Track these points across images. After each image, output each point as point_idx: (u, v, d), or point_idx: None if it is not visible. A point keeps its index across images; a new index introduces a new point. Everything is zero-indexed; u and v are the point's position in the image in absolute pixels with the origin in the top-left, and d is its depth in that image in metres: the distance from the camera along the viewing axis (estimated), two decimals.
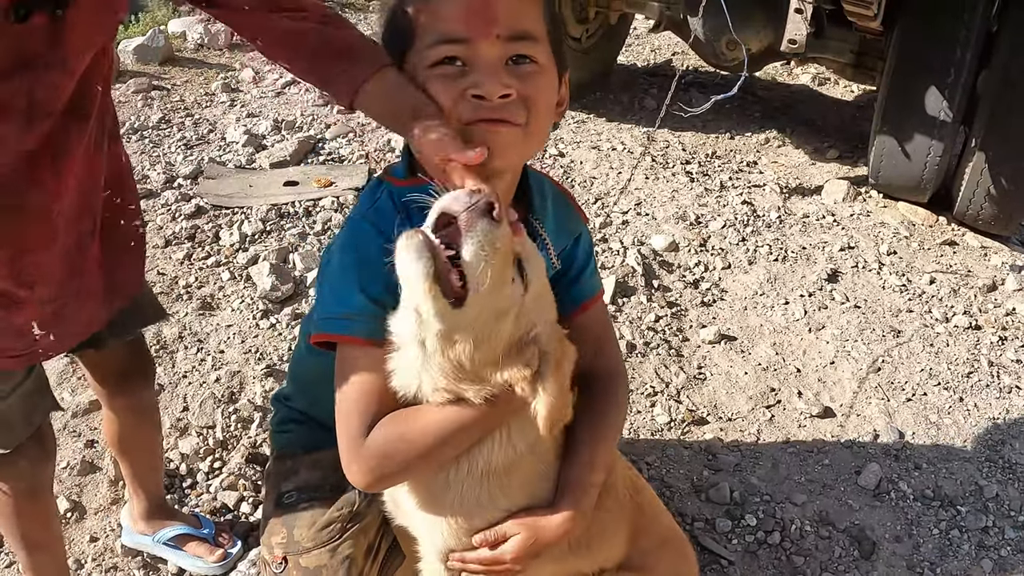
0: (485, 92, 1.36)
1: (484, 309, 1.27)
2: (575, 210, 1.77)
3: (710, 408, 2.96)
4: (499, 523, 1.50)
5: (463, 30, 1.36)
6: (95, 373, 2.05)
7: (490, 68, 1.37)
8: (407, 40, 1.43)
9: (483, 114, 1.38)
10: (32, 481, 1.82)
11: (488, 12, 1.36)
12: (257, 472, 2.58)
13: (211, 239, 3.64)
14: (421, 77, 1.41)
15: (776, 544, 2.49)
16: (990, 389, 3.18)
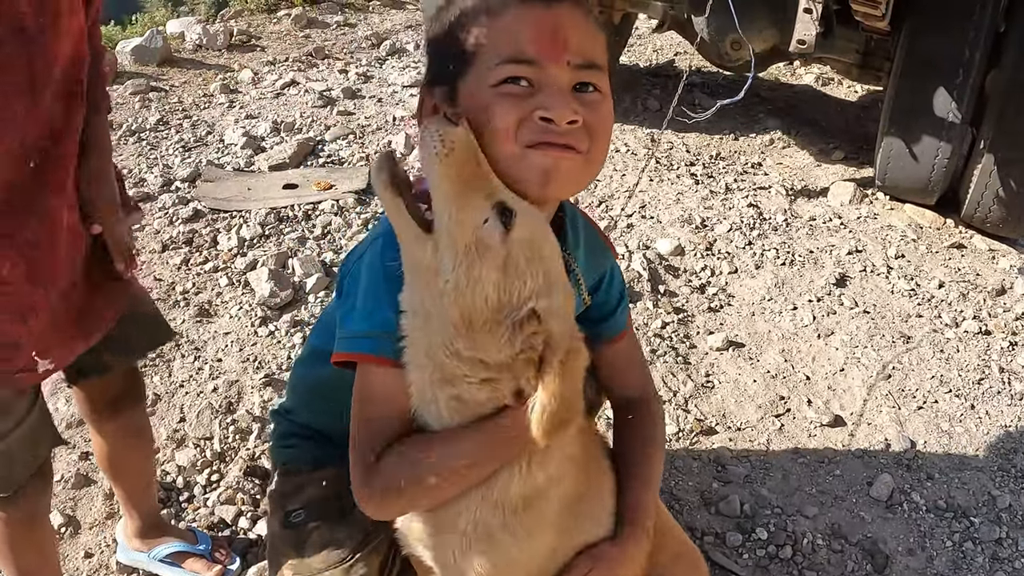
0: (554, 116, 1.30)
1: (455, 234, 1.21)
2: (605, 244, 1.74)
3: (719, 417, 2.91)
4: (518, 562, 1.44)
5: (533, 52, 1.31)
6: (87, 400, 2.00)
7: (560, 92, 1.32)
8: (466, 60, 1.36)
9: (548, 138, 1.32)
10: (29, 511, 1.76)
11: (559, 36, 1.32)
12: (256, 486, 2.52)
13: (209, 244, 3.59)
14: (483, 97, 1.33)
15: (788, 558, 2.43)
16: (1001, 396, 3.13)
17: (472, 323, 1.24)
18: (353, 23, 6.57)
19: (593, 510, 1.55)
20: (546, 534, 1.45)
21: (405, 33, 6.43)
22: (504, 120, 1.30)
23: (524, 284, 1.24)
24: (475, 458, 1.33)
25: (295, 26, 6.36)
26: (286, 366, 2.94)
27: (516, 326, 1.24)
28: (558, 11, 1.34)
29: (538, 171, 1.32)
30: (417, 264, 1.26)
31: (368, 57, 5.94)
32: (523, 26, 1.32)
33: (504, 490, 1.36)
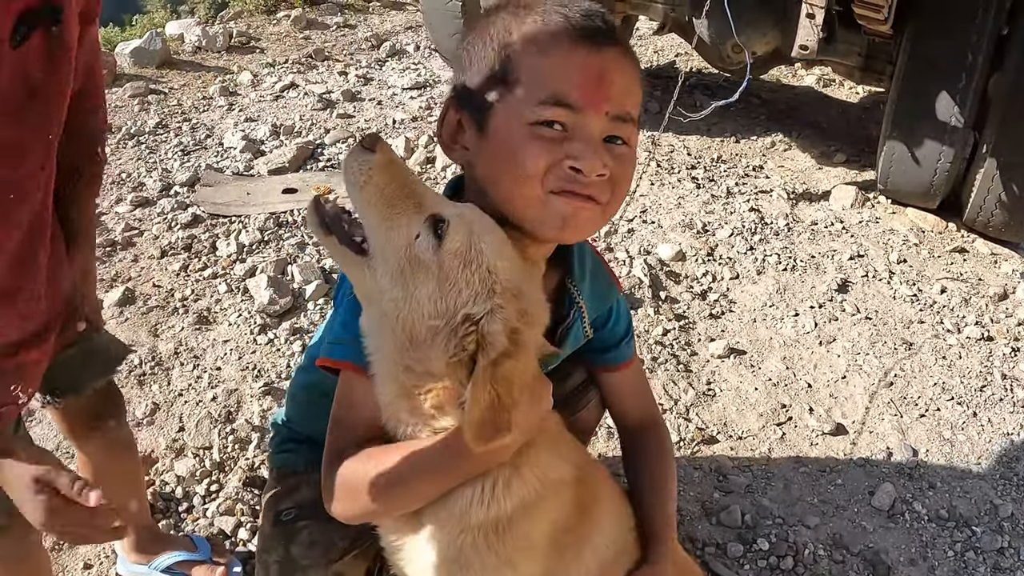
0: (585, 168, 1.32)
1: (388, 255, 1.25)
2: (611, 278, 1.77)
3: (720, 426, 2.89)
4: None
5: (575, 97, 1.31)
6: (65, 420, 1.98)
7: (593, 143, 1.33)
8: (505, 89, 1.35)
9: (574, 187, 1.33)
10: (23, 546, 1.74)
11: (604, 85, 1.32)
12: (255, 496, 2.51)
13: (208, 249, 3.57)
14: (516, 133, 1.33)
15: (789, 569, 2.42)
16: (1004, 403, 3.11)
17: (414, 338, 1.26)
18: (353, 24, 6.55)
19: (594, 537, 1.54)
20: (533, 562, 1.43)
21: (405, 34, 6.41)
22: (535, 165, 1.31)
23: (459, 292, 1.24)
24: (430, 469, 1.34)
25: (294, 27, 6.34)
26: (286, 375, 2.92)
27: (452, 333, 1.24)
28: (606, 56, 1.33)
29: (558, 218, 1.35)
30: (361, 289, 1.31)
31: (368, 59, 5.92)
32: (570, 68, 1.31)
33: (470, 512, 1.36)
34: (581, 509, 1.50)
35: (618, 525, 1.61)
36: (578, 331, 1.68)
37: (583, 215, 1.37)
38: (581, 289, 1.63)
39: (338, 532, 1.66)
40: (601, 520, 1.56)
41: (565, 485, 1.46)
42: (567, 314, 1.64)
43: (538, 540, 1.43)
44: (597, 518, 1.55)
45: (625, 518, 1.66)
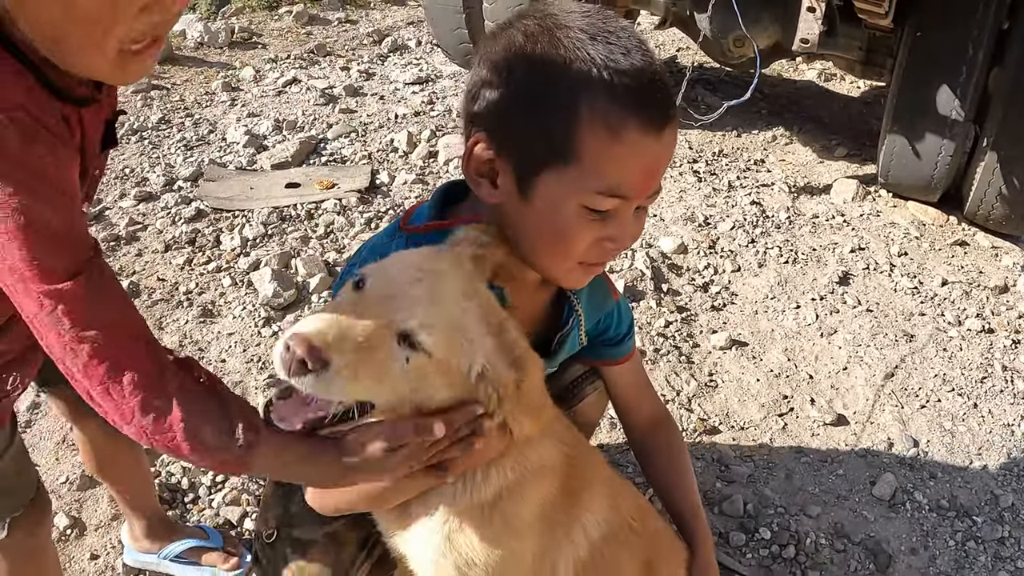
0: (620, 246, 1.41)
1: (401, 397, 1.24)
2: (608, 286, 1.81)
3: (722, 417, 2.91)
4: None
5: (631, 191, 1.31)
6: (64, 403, 1.99)
7: (629, 224, 1.38)
8: (560, 158, 1.30)
9: (605, 259, 1.45)
10: (28, 547, 1.75)
11: (656, 175, 1.35)
12: (261, 486, 2.53)
13: (212, 243, 3.59)
14: (565, 208, 1.32)
15: (791, 558, 2.44)
16: (1004, 395, 3.13)
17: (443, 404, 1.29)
18: (354, 20, 6.56)
19: (583, 517, 1.57)
20: (521, 541, 1.47)
21: (407, 30, 6.42)
22: (580, 244, 1.36)
23: (461, 364, 1.24)
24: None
25: (296, 23, 6.35)
26: None
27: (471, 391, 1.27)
28: (665, 141, 1.31)
29: (579, 280, 1.48)
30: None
31: (370, 54, 5.93)
32: (637, 162, 1.29)
33: (453, 500, 1.41)
34: (569, 490, 1.53)
35: (610, 508, 1.62)
36: (574, 339, 1.73)
37: (594, 274, 1.50)
38: (580, 298, 1.68)
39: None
40: (591, 502, 1.58)
41: (548, 468, 1.48)
42: (565, 323, 1.67)
43: (525, 520, 1.46)
44: (587, 500, 1.57)
45: (620, 503, 1.66)
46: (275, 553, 1.65)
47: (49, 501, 1.77)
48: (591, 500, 1.58)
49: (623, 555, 1.64)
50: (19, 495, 1.65)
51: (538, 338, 1.67)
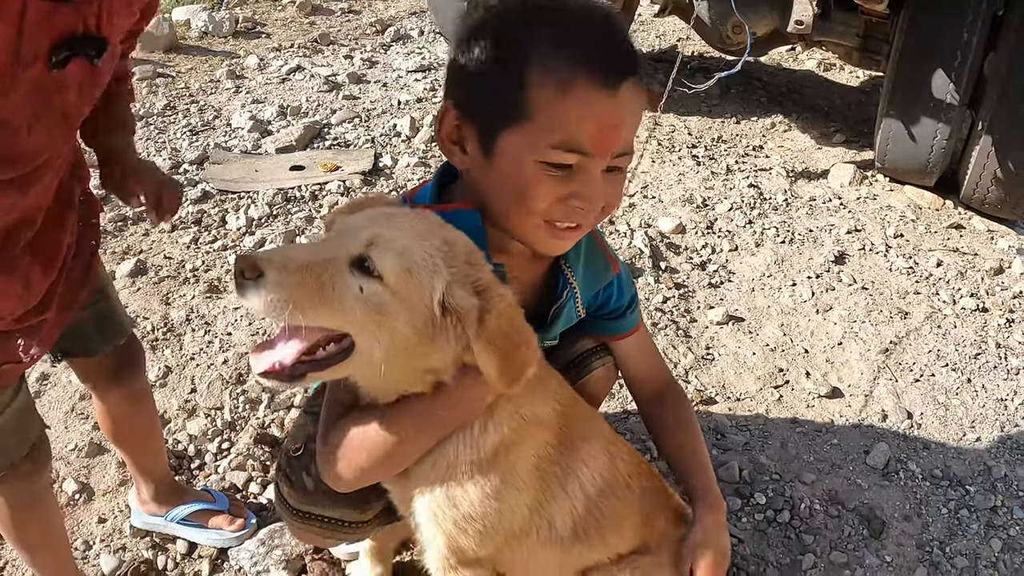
0: (586, 206, 1.41)
1: (352, 320, 1.24)
2: (608, 259, 1.82)
3: (718, 388, 2.96)
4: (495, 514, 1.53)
5: (590, 145, 1.35)
6: (85, 373, 2.05)
7: (596, 183, 1.40)
8: (519, 118, 1.36)
9: (573, 219, 1.43)
10: (27, 494, 1.80)
11: (617, 134, 1.37)
12: (266, 452, 2.58)
13: (218, 223, 3.64)
14: (524, 166, 1.37)
15: (785, 522, 2.48)
16: (998, 371, 3.17)
17: (412, 362, 1.33)
18: (357, 10, 6.61)
19: (578, 470, 1.62)
20: (519, 493, 1.52)
21: (409, 20, 6.47)
22: (540, 201, 1.39)
23: (420, 296, 1.27)
24: (412, 429, 1.43)
25: (300, 13, 6.40)
26: None
27: (440, 328, 1.30)
28: (622, 97, 1.35)
29: (548, 242, 1.47)
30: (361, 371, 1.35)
31: (373, 43, 5.98)
32: (587, 115, 1.33)
33: (453, 460, 1.46)
34: (566, 444, 1.58)
35: (607, 464, 1.66)
36: (571, 310, 1.76)
37: (570, 239, 1.50)
38: (575, 271, 1.70)
39: None
40: (588, 456, 1.63)
41: (543, 423, 1.54)
42: (560, 295, 1.71)
43: (521, 475, 1.51)
44: (583, 454, 1.62)
45: (617, 460, 1.70)
46: (299, 463, 1.70)
47: (48, 454, 1.81)
48: (587, 454, 1.63)
49: (620, 509, 1.68)
50: (10, 454, 1.68)
51: (534, 310, 1.72)
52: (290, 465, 1.74)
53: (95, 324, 1.87)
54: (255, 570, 2.23)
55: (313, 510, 1.75)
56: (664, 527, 1.82)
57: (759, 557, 2.37)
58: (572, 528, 1.62)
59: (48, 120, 1.29)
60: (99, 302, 1.85)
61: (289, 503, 1.77)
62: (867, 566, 2.38)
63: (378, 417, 1.43)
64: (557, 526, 1.61)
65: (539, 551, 1.62)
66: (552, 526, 1.60)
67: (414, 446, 1.45)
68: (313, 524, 1.77)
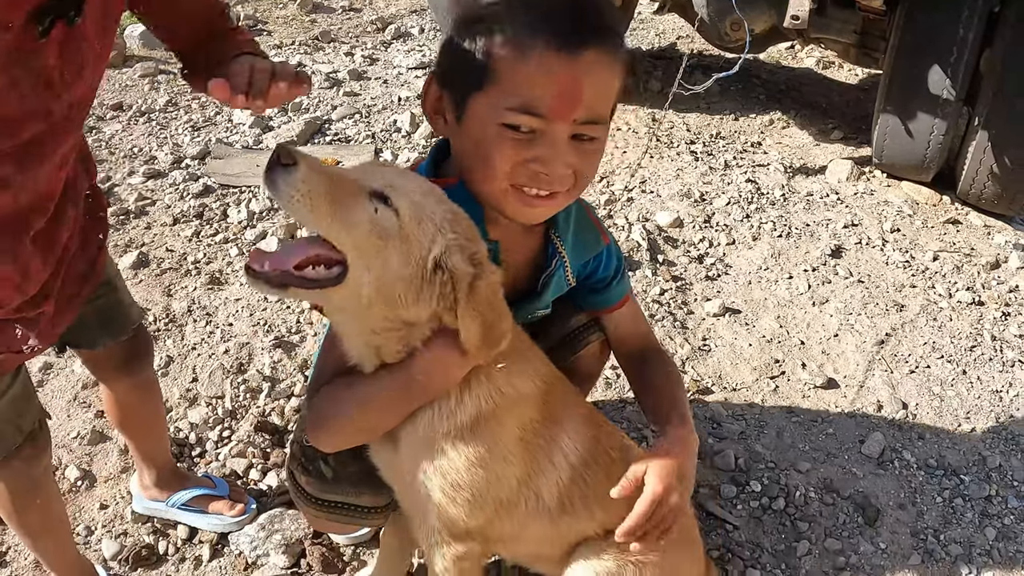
0: (548, 171, 1.43)
1: (357, 240, 1.30)
2: (597, 229, 1.85)
3: (715, 378, 2.98)
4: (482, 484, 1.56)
5: (547, 109, 1.38)
6: (93, 364, 2.08)
7: (558, 147, 1.42)
8: (482, 83, 1.41)
9: (537, 185, 1.45)
10: (27, 478, 1.82)
11: (574, 96, 1.39)
12: (266, 440, 2.60)
13: (219, 217, 3.67)
14: (487, 128, 1.42)
15: (780, 510, 2.51)
16: (993, 363, 3.19)
17: (394, 304, 1.36)
18: (358, 8, 6.63)
19: (562, 440, 1.65)
20: (504, 464, 1.56)
21: (410, 18, 6.50)
22: (502, 163, 1.42)
23: (421, 244, 1.34)
24: (389, 393, 1.47)
25: (301, 11, 6.43)
26: (295, 329, 3.02)
27: (427, 282, 1.35)
28: (582, 63, 1.38)
29: (516, 209, 1.49)
30: (342, 304, 1.38)
31: (373, 41, 6.01)
32: (544, 78, 1.37)
33: (434, 425, 1.50)
34: (549, 417, 1.61)
35: (590, 437, 1.70)
36: (560, 279, 1.79)
37: (541, 211, 1.52)
38: (564, 241, 1.74)
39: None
40: (571, 429, 1.66)
41: (525, 397, 1.57)
42: (549, 263, 1.74)
43: (506, 445, 1.55)
44: (567, 426, 1.66)
45: (600, 436, 1.74)
46: (314, 452, 1.73)
47: (48, 440, 1.84)
48: (571, 428, 1.67)
49: (603, 480, 1.71)
50: (5, 441, 1.70)
51: (527, 279, 1.76)
52: (305, 455, 1.78)
53: (98, 318, 1.89)
54: (255, 554, 2.25)
55: (334, 498, 1.79)
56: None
57: (754, 543, 2.40)
58: (559, 499, 1.66)
59: (26, 86, 1.28)
60: (104, 296, 1.87)
61: (308, 492, 1.80)
62: (861, 553, 2.40)
63: (360, 380, 1.49)
64: (544, 497, 1.64)
65: (529, 523, 1.65)
66: (539, 497, 1.64)
67: (391, 410, 1.50)
68: (332, 511, 1.81)
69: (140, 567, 2.24)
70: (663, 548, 1.73)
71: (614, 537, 1.61)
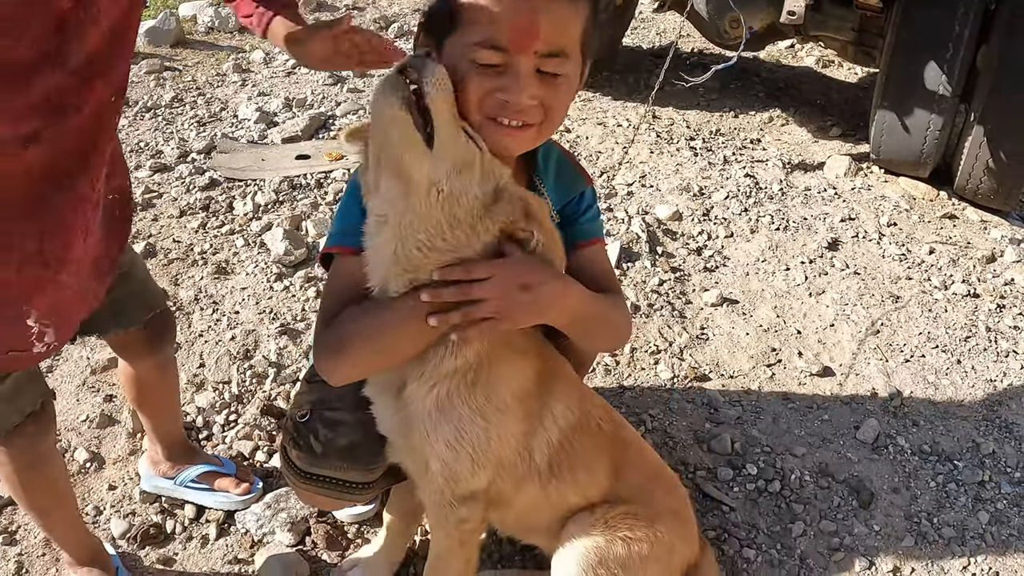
0: (512, 100, 1.53)
1: (451, 151, 1.44)
2: (578, 171, 1.94)
3: (712, 366, 3.03)
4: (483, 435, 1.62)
5: (507, 41, 1.50)
6: (120, 345, 2.14)
7: (522, 78, 1.53)
8: (453, 26, 1.55)
9: (505, 114, 1.55)
10: (33, 454, 1.87)
11: (532, 30, 1.51)
12: (272, 423, 2.66)
13: (225, 209, 3.73)
14: (459, 65, 1.53)
15: (776, 492, 2.55)
16: (987, 353, 3.24)
17: (462, 221, 1.48)
18: (361, 7, 6.69)
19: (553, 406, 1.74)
20: (503, 417, 1.63)
21: (413, 17, 6.55)
22: (472, 94, 1.53)
23: (494, 176, 1.52)
24: (407, 317, 1.54)
25: (305, 10, 6.47)
26: (301, 316, 3.08)
27: (501, 203, 1.52)
28: (536, 1, 1.51)
29: (492, 142, 1.57)
30: (410, 175, 1.45)
31: None
32: (502, 14, 1.50)
33: (440, 364, 1.58)
34: (541, 381, 1.70)
35: (579, 404, 1.78)
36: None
37: (514, 142, 1.61)
38: (545, 182, 1.84)
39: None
40: (561, 394, 1.75)
41: (522, 352, 1.66)
42: None
43: (504, 397, 1.63)
44: (557, 391, 1.74)
45: (588, 405, 1.82)
46: (306, 427, 1.79)
47: (52, 417, 1.89)
48: (561, 392, 1.75)
49: (590, 446, 1.77)
50: (5, 420, 1.75)
51: None
52: (297, 430, 1.83)
53: (112, 308, 1.93)
54: (261, 532, 2.30)
55: (322, 472, 1.84)
56: (637, 481, 1.91)
57: (750, 524, 2.44)
58: (548, 462, 1.74)
59: (37, 27, 1.30)
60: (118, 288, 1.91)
61: (297, 466, 1.85)
62: (856, 534, 2.45)
63: (378, 305, 1.56)
64: (536, 458, 1.72)
65: (522, 485, 1.72)
66: (532, 458, 1.71)
67: (408, 336, 1.56)
68: (321, 486, 1.86)
69: (148, 545, 2.29)
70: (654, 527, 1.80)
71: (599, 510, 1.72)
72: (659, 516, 1.87)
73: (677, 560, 1.91)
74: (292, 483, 1.94)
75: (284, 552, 2.25)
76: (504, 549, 2.31)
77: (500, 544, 2.31)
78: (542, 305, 1.59)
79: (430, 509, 1.71)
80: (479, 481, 1.62)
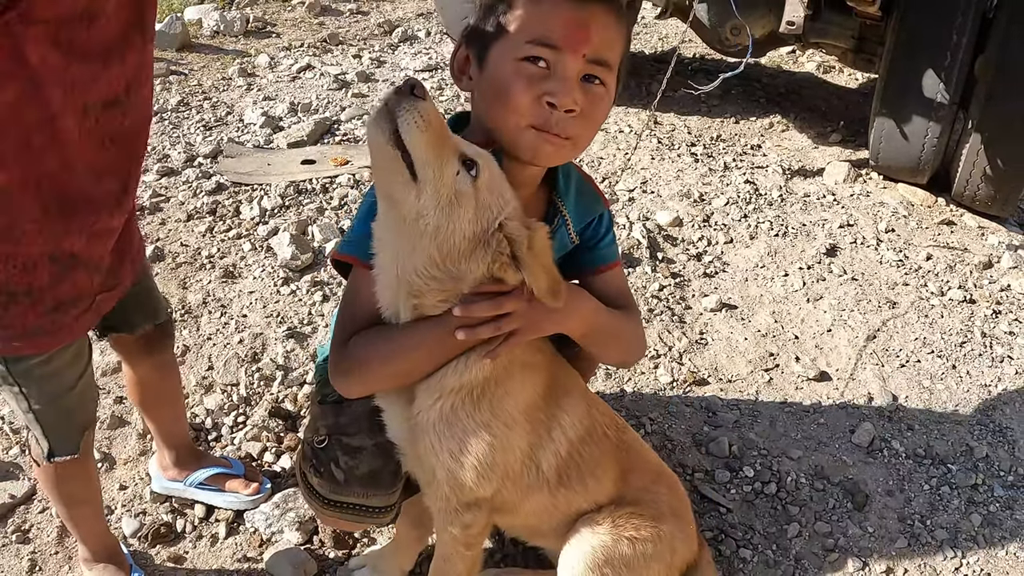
0: (558, 102, 1.57)
1: (433, 186, 1.44)
2: (597, 194, 1.98)
3: (711, 370, 3.09)
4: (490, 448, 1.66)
5: (557, 39, 1.56)
6: (122, 347, 2.20)
7: (569, 81, 1.58)
8: (502, 31, 1.61)
9: (548, 124, 1.59)
10: (86, 463, 1.97)
11: (585, 31, 1.57)
12: (280, 425, 2.71)
13: (232, 213, 3.78)
14: (506, 67, 1.59)
15: (772, 494, 2.61)
16: (983, 358, 3.28)
17: (450, 254, 1.50)
18: (366, 11, 6.76)
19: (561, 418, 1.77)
20: (510, 431, 1.67)
21: (416, 21, 6.61)
22: (518, 97, 1.57)
23: (490, 211, 1.51)
24: (421, 343, 1.58)
25: (309, 13, 6.55)
26: (308, 320, 3.14)
27: (487, 244, 1.50)
28: (590, 10, 1.58)
29: (530, 148, 1.62)
30: (400, 205, 1.48)
31: (381, 44, 6.13)
32: (556, 16, 1.57)
33: (446, 378, 1.62)
34: (550, 393, 1.74)
35: (587, 414, 1.82)
36: (563, 237, 1.89)
37: (551, 149, 1.64)
38: (566, 202, 1.86)
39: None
40: (569, 406, 1.79)
41: (532, 366, 1.70)
42: (551, 222, 1.85)
43: (511, 412, 1.66)
44: (565, 404, 1.78)
45: (596, 415, 1.86)
46: (326, 455, 1.84)
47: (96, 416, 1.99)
48: (568, 404, 1.79)
49: (598, 456, 1.82)
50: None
51: None
52: (317, 457, 1.87)
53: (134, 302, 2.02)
54: (270, 531, 2.36)
55: (346, 499, 1.88)
56: (642, 483, 1.96)
57: (746, 525, 2.50)
58: (557, 472, 1.78)
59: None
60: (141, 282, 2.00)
61: (320, 493, 1.90)
62: (850, 536, 2.50)
63: (399, 329, 1.60)
64: (544, 468, 1.76)
65: (530, 494, 1.77)
66: (539, 469, 1.75)
67: (424, 357, 1.61)
68: (344, 512, 1.91)
69: (159, 544, 2.34)
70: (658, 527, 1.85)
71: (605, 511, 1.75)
72: (663, 516, 1.92)
73: (678, 560, 1.96)
74: (315, 509, 1.98)
75: (293, 549, 2.30)
76: (507, 548, 2.36)
77: (503, 544, 2.36)
78: (566, 311, 1.65)
79: (436, 514, 1.76)
80: (484, 491, 1.67)
